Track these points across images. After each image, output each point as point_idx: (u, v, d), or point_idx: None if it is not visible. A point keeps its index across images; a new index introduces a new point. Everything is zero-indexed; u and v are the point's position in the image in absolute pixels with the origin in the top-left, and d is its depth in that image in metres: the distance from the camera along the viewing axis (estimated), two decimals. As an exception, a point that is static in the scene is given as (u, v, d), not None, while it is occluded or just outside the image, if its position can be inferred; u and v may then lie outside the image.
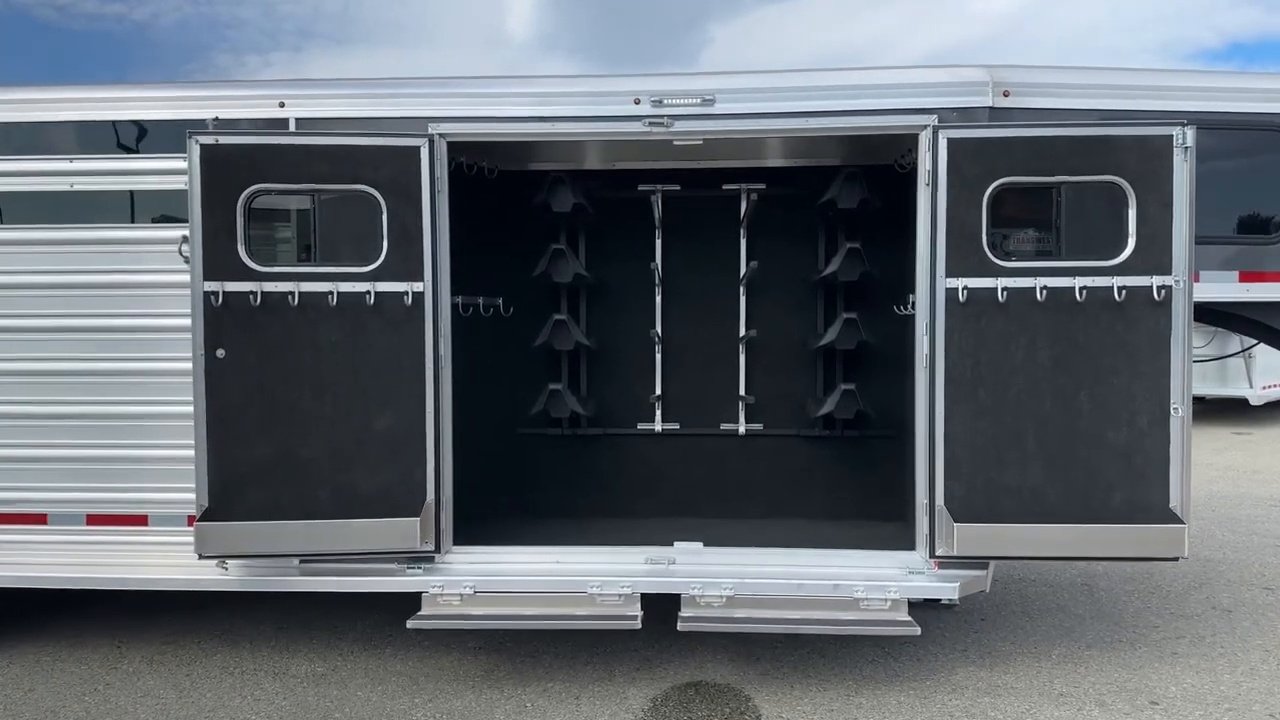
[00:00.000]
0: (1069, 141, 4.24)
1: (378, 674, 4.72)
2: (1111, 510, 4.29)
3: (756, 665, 4.77)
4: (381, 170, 4.41)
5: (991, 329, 4.30)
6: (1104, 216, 4.43)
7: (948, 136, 4.27)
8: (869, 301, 5.64)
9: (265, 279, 4.41)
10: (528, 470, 5.98)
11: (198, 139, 4.36)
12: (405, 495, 4.47)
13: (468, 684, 4.59)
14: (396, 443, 4.46)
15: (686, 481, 5.92)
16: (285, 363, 4.43)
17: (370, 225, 4.45)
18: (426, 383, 4.47)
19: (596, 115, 4.54)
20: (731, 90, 4.49)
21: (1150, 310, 4.26)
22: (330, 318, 4.43)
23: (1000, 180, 4.25)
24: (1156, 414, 4.28)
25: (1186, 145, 4.20)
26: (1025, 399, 4.29)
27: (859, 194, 5.29)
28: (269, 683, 4.62)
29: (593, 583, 4.48)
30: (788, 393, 5.91)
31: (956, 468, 4.33)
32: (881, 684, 4.55)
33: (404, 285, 4.43)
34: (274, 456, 4.44)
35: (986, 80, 4.44)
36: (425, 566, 4.57)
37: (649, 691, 4.47)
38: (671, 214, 5.85)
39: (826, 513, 5.78)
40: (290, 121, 4.61)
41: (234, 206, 4.38)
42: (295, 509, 4.44)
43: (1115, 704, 4.32)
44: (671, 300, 5.94)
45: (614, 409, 6.00)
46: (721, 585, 4.43)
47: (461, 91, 4.62)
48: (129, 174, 4.73)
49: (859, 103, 4.45)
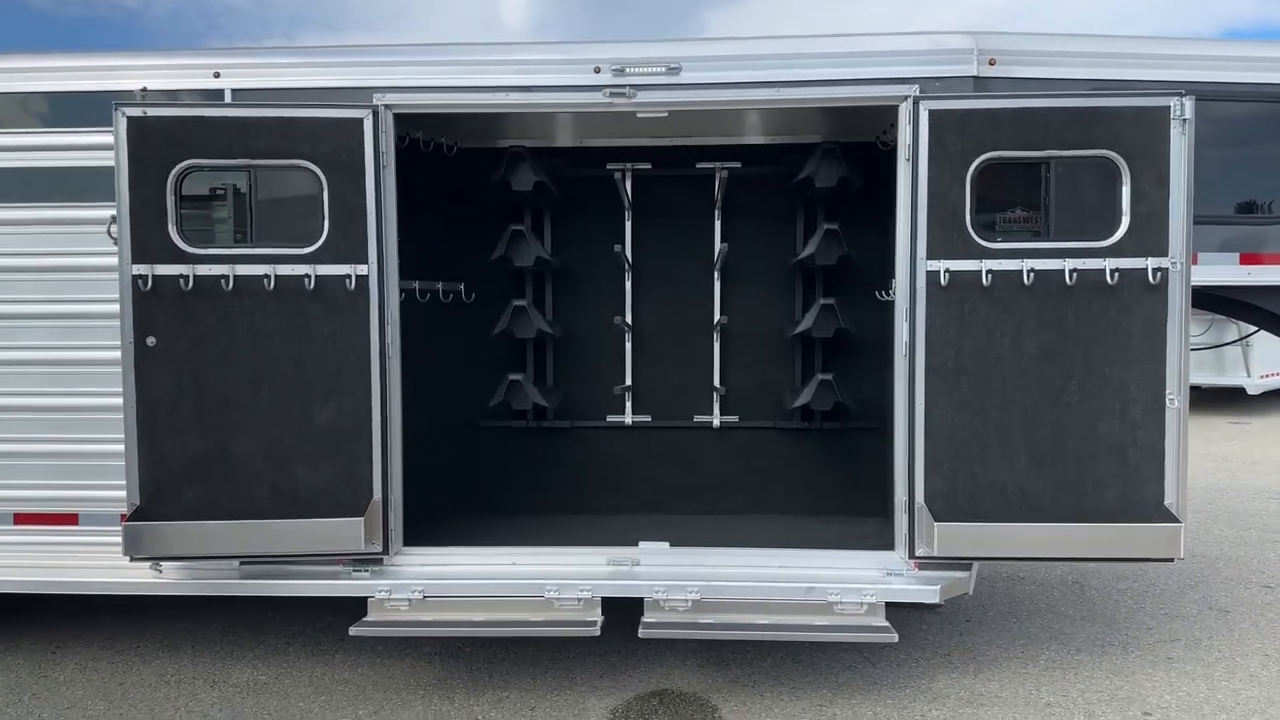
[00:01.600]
0: (1058, 113, 3.94)
1: (323, 682, 4.44)
2: (1103, 508, 4.01)
3: (726, 672, 4.50)
4: (322, 144, 4.10)
5: (975, 315, 4.01)
6: (1096, 194, 4.15)
7: (929, 108, 3.98)
8: (848, 286, 5.36)
9: (198, 261, 4.11)
10: (490, 466, 5.69)
11: (124, 111, 4.06)
12: (349, 493, 4.18)
13: (417, 693, 4.31)
14: (340, 437, 4.17)
15: (657, 477, 5.64)
16: (220, 351, 4.14)
17: (310, 204, 4.15)
18: (373, 373, 4.18)
19: (553, 85, 4.24)
20: (698, 58, 4.19)
21: (1145, 294, 3.97)
22: (268, 303, 4.13)
23: (985, 155, 3.96)
24: (1151, 405, 4.00)
25: (1185, 117, 3.90)
26: (1011, 390, 4.01)
27: (838, 172, 4.99)
28: (206, 692, 4.34)
29: (550, 586, 4.19)
30: (764, 383, 5.63)
31: (937, 463, 4.05)
32: (858, 692, 4.28)
33: (347, 268, 4.13)
34: (209, 452, 4.15)
35: (971, 48, 4.14)
36: (372, 569, 4.29)
37: (609, 702, 4.19)
38: (641, 194, 5.55)
39: (804, 509, 5.51)
40: (226, 93, 4.31)
41: (164, 184, 4.08)
42: (233, 508, 4.16)
43: (1106, 715, 4.05)
44: (641, 285, 5.64)
45: (581, 400, 5.71)
46: (687, 588, 4.15)
47: (408, 60, 4.31)
48: (53, 149, 4.41)
49: (835, 71, 4.15)
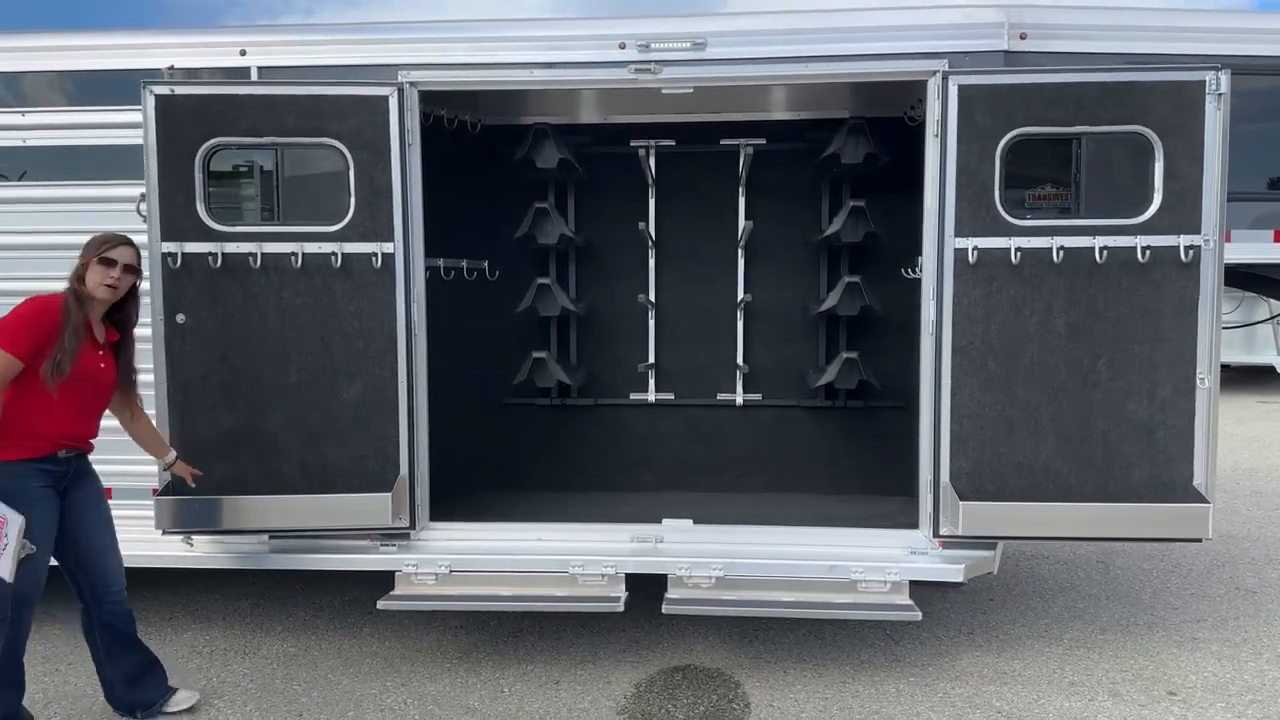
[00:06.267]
0: (1090, 88, 3.88)
1: (352, 655, 4.51)
2: (1130, 488, 3.99)
3: (749, 648, 4.53)
4: (347, 122, 4.11)
5: (1004, 293, 3.98)
6: (1127, 171, 4.09)
7: (959, 83, 3.93)
8: (874, 264, 5.32)
9: (226, 239, 4.15)
10: (514, 442, 5.72)
11: (152, 89, 4.09)
12: (377, 469, 4.23)
13: (444, 666, 4.36)
14: (367, 414, 4.21)
15: (680, 454, 5.65)
16: (249, 329, 4.19)
17: (337, 182, 4.17)
18: (399, 350, 4.20)
19: (579, 61, 4.22)
20: (724, 33, 4.15)
21: (1176, 272, 3.92)
22: (295, 280, 4.17)
23: (1016, 131, 3.91)
24: (1181, 385, 3.96)
25: (1220, 92, 3.84)
26: (1039, 369, 3.98)
27: (864, 148, 4.94)
28: (237, 663, 4.42)
29: (575, 562, 4.23)
30: (787, 361, 5.61)
31: (963, 442, 4.03)
32: (880, 670, 4.30)
33: (373, 246, 4.15)
34: (239, 428, 4.20)
35: (1002, 21, 4.08)
36: (399, 544, 4.34)
37: (633, 676, 4.23)
38: (665, 171, 5.52)
39: (827, 487, 5.51)
40: (252, 71, 4.32)
41: (192, 162, 4.12)
42: (262, 483, 4.22)
43: (1130, 694, 4.04)
44: (665, 263, 5.62)
45: (605, 378, 5.72)
46: (711, 566, 4.18)
47: (434, 37, 4.30)
48: (84, 128, 4.45)
49: (863, 46, 4.10)
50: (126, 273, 3.53)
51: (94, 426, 3.62)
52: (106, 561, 3.67)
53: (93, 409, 3.58)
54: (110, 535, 3.70)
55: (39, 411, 3.38)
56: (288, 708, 3.96)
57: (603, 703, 3.97)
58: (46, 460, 3.44)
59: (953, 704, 3.95)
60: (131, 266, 3.55)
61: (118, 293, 3.53)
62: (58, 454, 3.48)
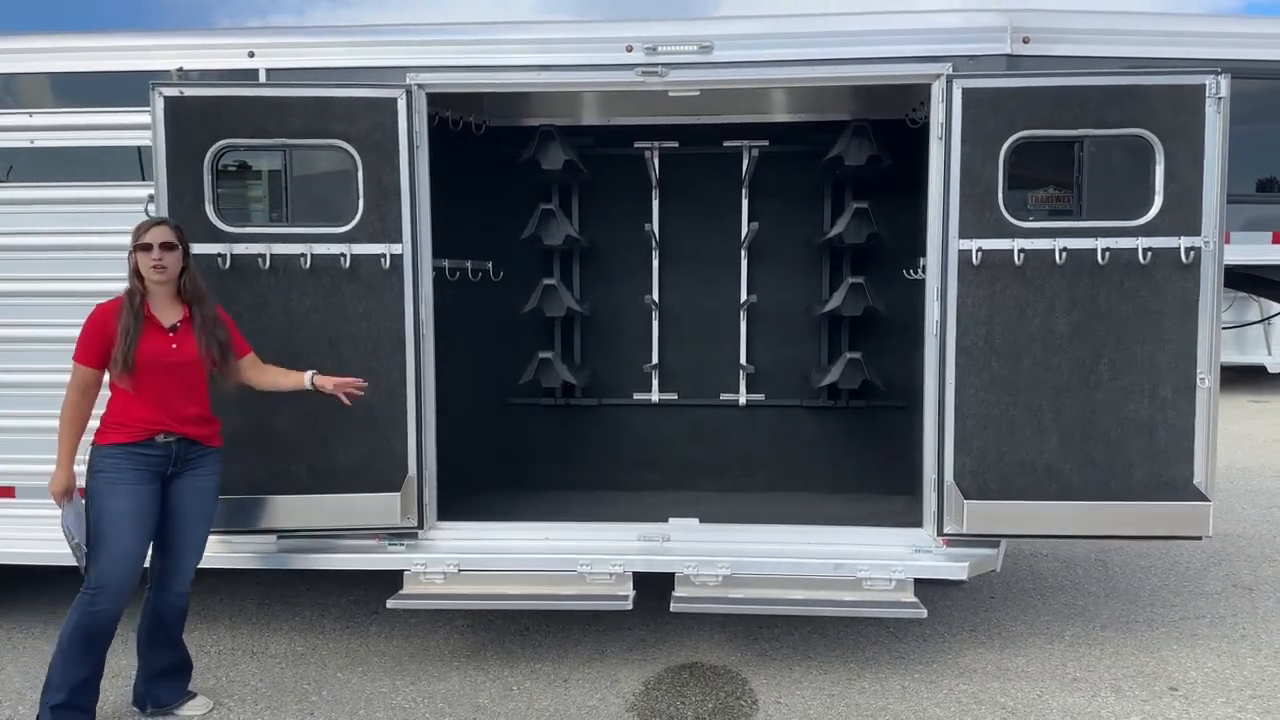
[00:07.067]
0: (1092, 91, 3.93)
1: (360, 654, 4.53)
2: (1132, 487, 4.04)
3: (755, 646, 4.57)
4: (356, 124, 4.13)
5: (1007, 294, 4.02)
6: (1129, 173, 4.14)
7: (962, 86, 3.97)
8: (877, 265, 5.36)
9: (235, 240, 4.17)
10: (519, 442, 5.75)
11: (161, 91, 4.10)
12: (385, 469, 4.25)
13: (453, 665, 4.39)
14: (375, 414, 4.22)
15: (684, 454, 5.69)
16: (258, 329, 4.18)
17: (345, 183, 4.20)
18: (407, 351, 4.23)
19: (586, 64, 4.24)
20: (730, 37, 4.19)
21: (1177, 273, 3.97)
22: (304, 281, 4.19)
23: (1019, 134, 3.95)
24: (1181, 385, 4.01)
25: (1220, 95, 3.89)
26: (1041, 369, 4.03)
27: (867, 150, 4.99)
28: (245, 663, 4.44)
29: (582, 561, 4.26)
30: (791, 361, 5.65)
31: (967, 442, 4.08)
32: (885, 666, 4.34)
33: (381, 247, 4.17)
34: (247, 427, 4.20)
35: (1005, 26, 4.13)
36: (407, 543, 4.36)
37: (641, 674, 4.27)
38: (669, 172, 5.56)
39: (830, 486, 5.55)
40: (260, 73, 4.34)
41: (201, 163, 4.13)
42: (270, 483, 4.23)
43: (1131, 689, 4.10)
44: (669, 264, 5.66)
45: (609, 378, 5.76)
46: (718, 564, 4.21)
47: (442, 39, 4.33)
48: (92, 129, 4.46)
49: (867, 49, 4.15)
50: (167, 250, 3.57)
51: (193, 406, 3.67)
52: (182, 561, 3.76)
53: (182, 390, 3.63)
54: (195, 536, 3.79)
55: (127, 401, 3.55)
56: (298, 706, 3.98)
57: (612, 700, 4.01)
58: (142, 445, 3.55)
59: (958, 700, 4.00)
60: (169, 243, 3.58)
61: (169, 272, 3.58)
62: (154, 439, 3.57)
